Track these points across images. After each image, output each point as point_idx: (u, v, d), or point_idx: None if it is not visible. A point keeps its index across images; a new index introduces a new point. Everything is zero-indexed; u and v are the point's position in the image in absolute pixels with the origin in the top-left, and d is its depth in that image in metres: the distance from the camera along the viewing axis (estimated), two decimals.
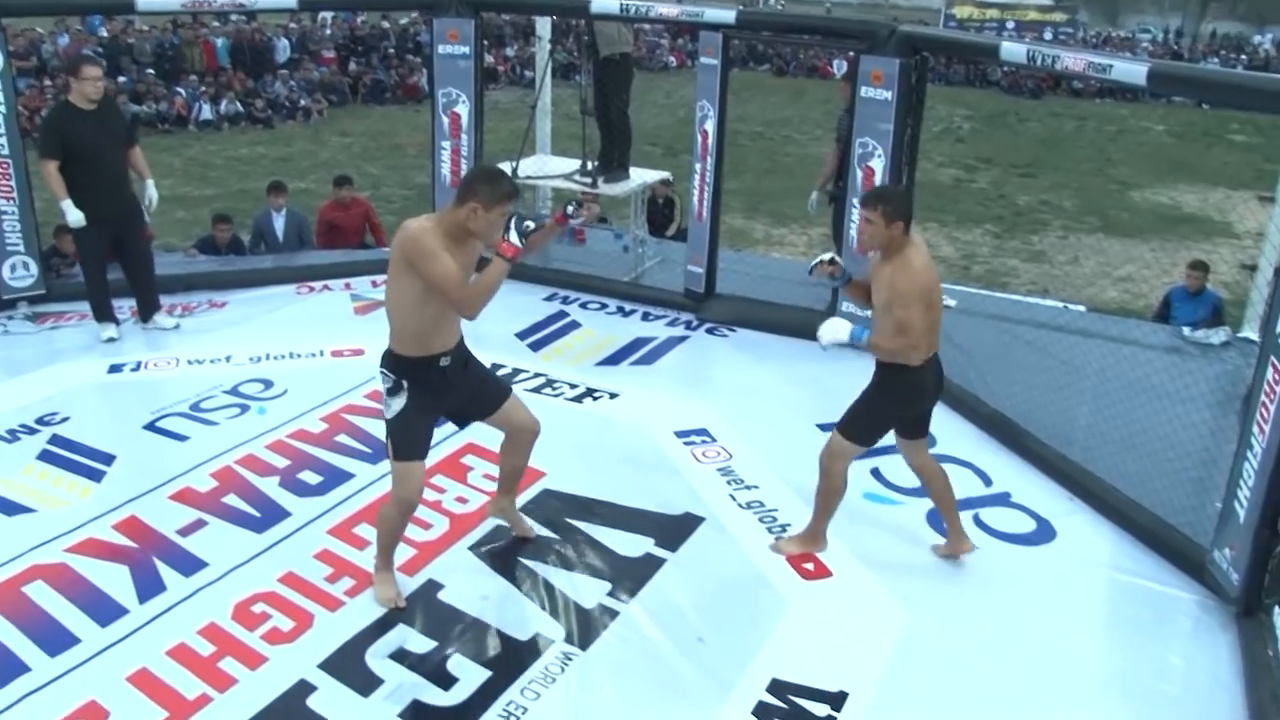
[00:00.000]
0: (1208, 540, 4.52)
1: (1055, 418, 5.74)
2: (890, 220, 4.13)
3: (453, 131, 7.92)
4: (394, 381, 3.89)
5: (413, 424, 3.94)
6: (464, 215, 3.76)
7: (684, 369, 6.60)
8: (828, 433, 5.62)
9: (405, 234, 3.76)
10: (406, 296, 3.80)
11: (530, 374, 6.34)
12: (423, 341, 3.87)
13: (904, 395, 4.34)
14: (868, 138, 6.50)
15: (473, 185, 3.77)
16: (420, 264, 3.71)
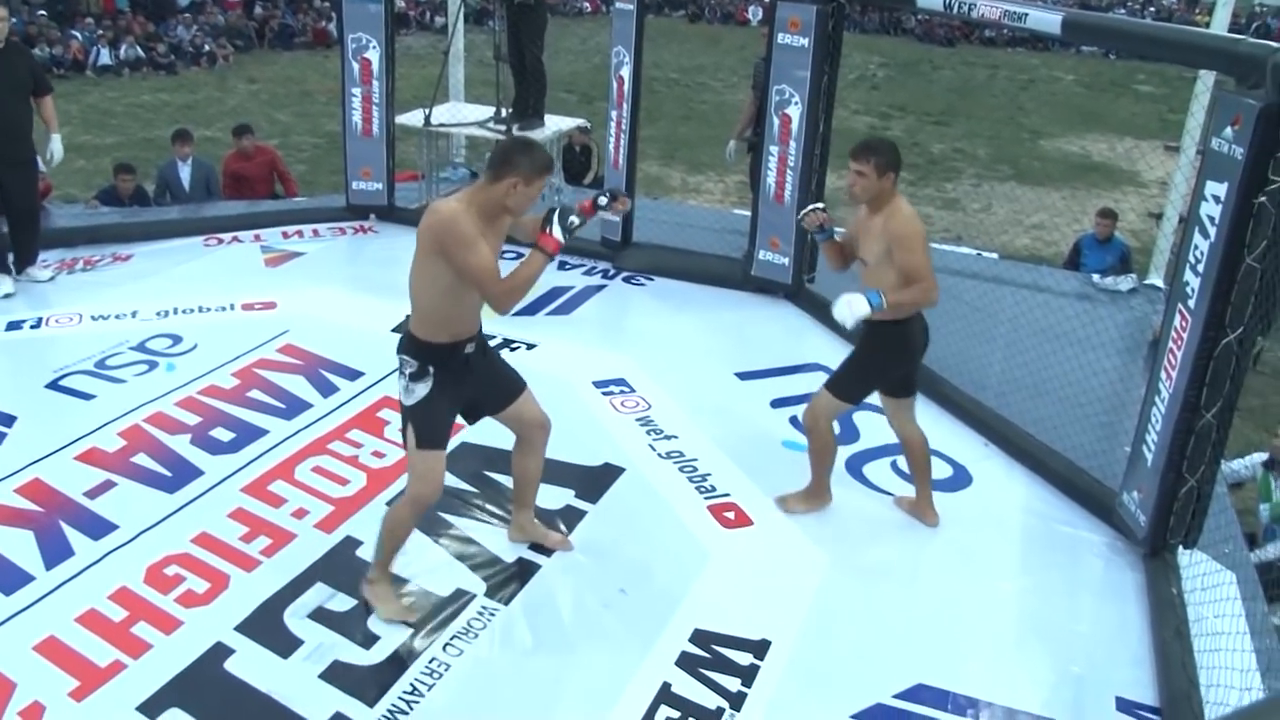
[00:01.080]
0: (1117, 484, 4.63)
1: (970, 365, 5.83)
2: (882, 172, 4.13)
3: (364, 78, 7.74)
4: (418, 367, 3.67)
5: (437, 410, 3.73)
6: (502, 192, 3.57)
7: (602, 319, 6.58)
8: (746, 382, 5.73)
9: (437, 218, 3.52)
10: (435, 282, 3.58)
11: None
12: (450, 328, 3.68)
13: (894, 351, 4.32)
14: (785, 85, 6.48)
15: (510, 158, 3.57)
16: (454, 252, 3.50)
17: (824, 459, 4.61)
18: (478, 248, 3.50)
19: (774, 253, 6.88)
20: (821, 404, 4.47)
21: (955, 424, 5.43)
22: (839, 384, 4.43)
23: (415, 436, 3.72)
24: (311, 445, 4.95)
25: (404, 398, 3.73)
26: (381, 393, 5.41)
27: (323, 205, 8.55)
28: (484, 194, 3.59)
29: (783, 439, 5.22)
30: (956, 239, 10.70)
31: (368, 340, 6.00)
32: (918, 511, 4.66)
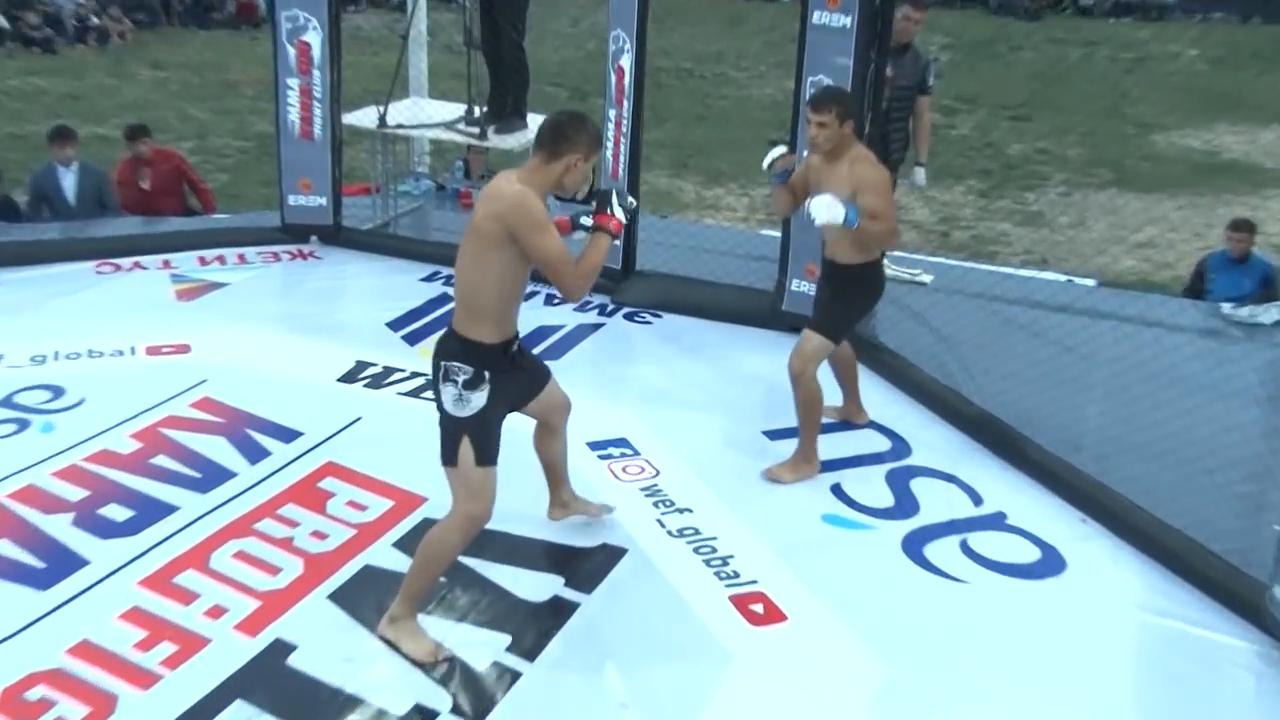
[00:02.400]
0: (1265, 573, 4.56)
1: (1060, 419, 5.85)
2: (843, 119, 5.16)
3: (301, 66, 7.85)
4: (473, 373, 4.11)
5: (494, 420, 4.21)
6: (560, 171, 4.10)
7: (598, 365, 6.63)
8: (776, 442, 5.78)
9: (505, 200, 4.01)
10: (496, 273, 4.07)
11: (405, 374, 6.34)
12: (502, 325, 4.18)
13: (871, 288, 5.44)
14: (822, 76, 6.56)
15: (566, 133, 4.09)
16: (529, 237, 3.99)
17: (813, 413, 5.40)
18: (551, 231, 4.03)
19: (811, 282, 6.90)
20: (810, 346, 5.34)
21: (1042, 494, 5.45)
22: (825, 324, 5.38)
23: (472, 452, 4.13)
24: (233, 525, 4.96)
25: (455, 409, 4.14)
26: (325, 457, 5.45)
27: (250, 225, 8.66)
28: (541, 174, 4.10)
29: (823, 513, 5.24)
30: (1041, 262, 10.71)
31: (308, 393, 6.05)
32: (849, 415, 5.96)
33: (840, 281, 5.42)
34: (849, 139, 5.22)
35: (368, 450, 5.52)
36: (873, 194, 5.11)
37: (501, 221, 4.00)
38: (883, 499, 5.39)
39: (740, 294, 7.40)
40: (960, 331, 6.81)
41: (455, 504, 4.20)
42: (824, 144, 5.18)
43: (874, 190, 5.12)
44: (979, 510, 5.33)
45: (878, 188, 5.14)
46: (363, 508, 5.09)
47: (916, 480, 5.50)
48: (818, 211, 5.07)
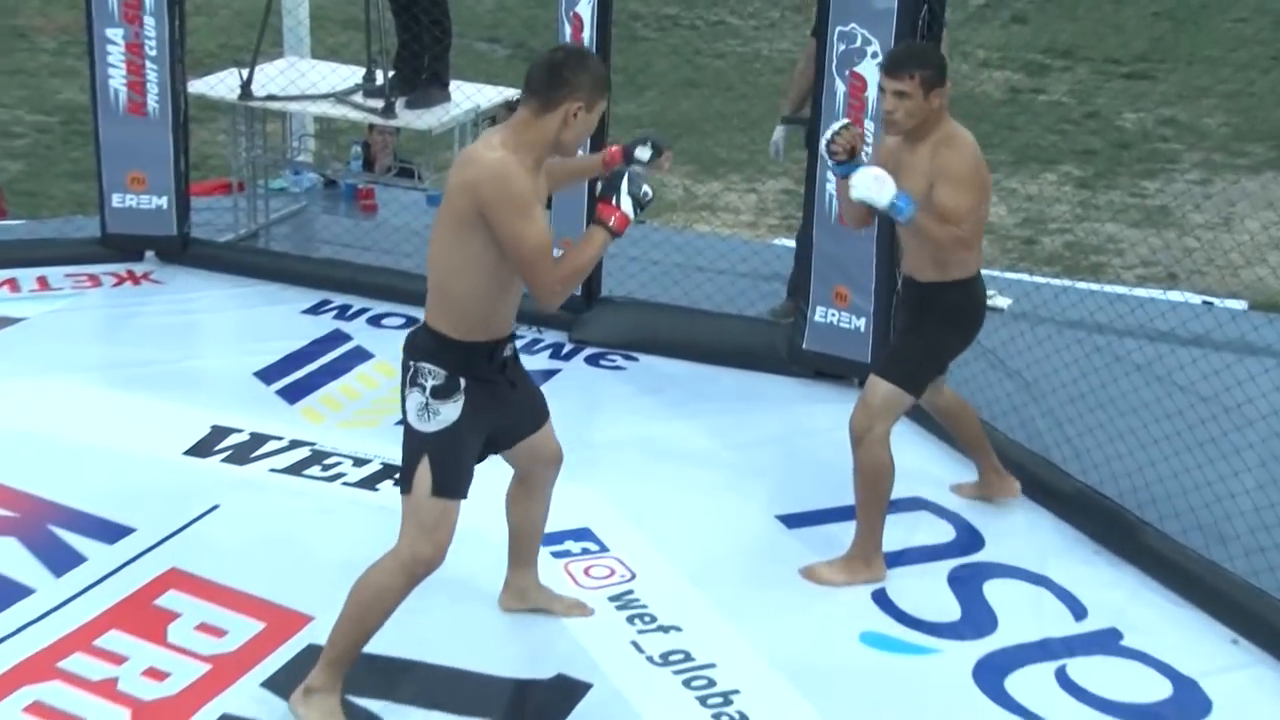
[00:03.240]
0: None
1: (1198, 497, 5.82)
2: (930, 87, 5.09)
3: (127, 11, 7.85)
4: (446, 378, 4.32)
5: (465, 442, 4.40)
6: (556, 124, 4.25)
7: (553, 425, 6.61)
8: (796, 531, 5.77)
9: (479, 166, 4.19)
10: (478, 260, 4.25)
11: (284, 443, 6.33)
12: (490, 322, 4.38)
13: (963, 317, 5.34)
14: (855, 25, 6.61)
15: (561, 74, 4.23)
16: (503, 218, 4.15)
17: (878, 491, 5.25)
18: (533, 214, 4.18)
19: (842, 310, 6.95)
20: (878, 398, 5.28)
21: (1174, 603, 5.43)
22: (898, 367, 5.30)
23: (430, 476, 4.34)
24: (28, 664, 4.87)
25: (418, 421, 4.36)
26: (166, 563, 5.40)
27: (55, 235, 8.64)
28: (532, 131, 4.24)
29: (862, 630, 5.22)
30: (1168, 278, 10.69)
31: (141, 472, 6.01)
32: (989, 490, 5.87)
33: (920, 307, 5.40)
34: (939, 114, 5.19)
35: (228, 552, 5.47)
36: (950, 187, 5.09)
37: (473, 194, 4.16)
38: (946, 610, 5.36)
39: (747, 327, 7.40)
40: (1051, 375, 6.81)
41: (400, 539, 4.38)
42: (904, 120, 5.15)
43: (954, 182, 5.10)
44: (1081, 626, 5.30)
45: (960, 180, 5.11)
46: (220, 633, 5.03)
47: (992, 584, 5.48)
48: (858, 185, 5.05)
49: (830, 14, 6.69)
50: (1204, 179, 13.48)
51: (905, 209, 5.02)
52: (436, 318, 4.35)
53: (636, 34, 17.50)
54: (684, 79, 16.68)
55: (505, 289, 4.34)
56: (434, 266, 4.37)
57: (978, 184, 5.16)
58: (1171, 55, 17.39)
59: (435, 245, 4.35)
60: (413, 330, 4.47)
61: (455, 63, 8.24)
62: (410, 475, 4.38)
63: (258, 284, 8.07)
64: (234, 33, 9.49)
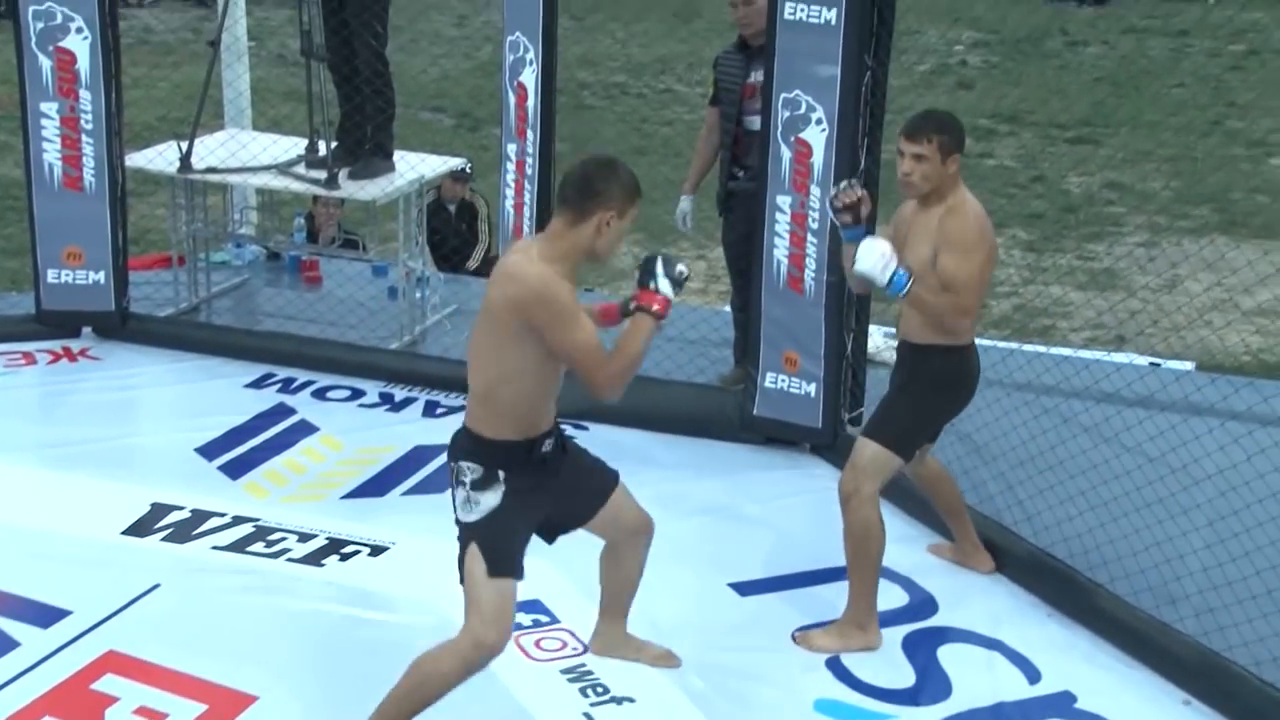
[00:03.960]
0: None
1: (1146, 559, 5.86)
2: (947, 152, 5.27)
3: (62, 85, 7.87)
4: (483, 473, 4.54)
5: (512, 526, 4.62)
6: (590, 234, 4.47)
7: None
8: (750, 599, 5.82)
9: (522, 285, 4.40)
10: (515, 367, 4.49)
11: (226, 520, 6.31)
12: (526, 422, 4.59)
13: (955, 382, 5.47)
14: (799, 91, 6.69)
15: (593, 184, 4.46)
16: (553, 329, 4.39)
17: (868, 554, 5.32)
18: (580, 321, 4.42)
19: (791, 375, 7.01)
20: (865, 458, 5.37)
21: (1126, 665, 5.46)
22: (887, 428, 5.41)
23: (482, 561, 4.54)
24: None
25: (463, 513, 4.60)
26: (104, 645, 5.37)
27: None
28: (566, 240, 4.47)
29: (816, 698, 5.23)
30: (1117, 340, 10.78)
31: (77, 552, 5.98)
32: (963, 558, 5.99)
33: (912, 370, 5.53)
34: (953, 180, 5.34)
35: (168, 633, 5.44)
36: (955, 254, 5.23)
37: (519, 312, 4.38)
38: (900, 676, 5.38)
39: (697, 395, 7.44)
40: (1001, 438, 6.84)
41: (463, 630, 4.57)
42: (920, 183, 5.29)
43: (959, 249, 5.23)
44: (1036, 690, 5.32)
45: (965, 247, 5.24)
46: (161, 716, 5.00)
47: (946, 649, 5.51)
48: (862, 259, 5.15)
49: (775, 81, 6.77)
50: (1148, 241, 13.58)
51: (901, 285, 5.13)
52: (477, 421, 4.56)
53: (583, 102, 17.58)
54: (632, 146, 16.66)
55: (549, 390, 4.59)
56: (479, 375, 4.55)
57: (982, 252, 5.28)
58: (1114, 120, 17.62)
59: (479, 356, 4.54)
60: (455, 433, 4.66)
61: (399, 133, 8.29)
62: (462, 564, 4.58)
63: (199, 358, 8.06)
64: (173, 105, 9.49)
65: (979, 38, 22.84)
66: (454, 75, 18.36)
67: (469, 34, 21.53)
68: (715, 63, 7.67)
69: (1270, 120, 17.40)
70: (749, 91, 7.24)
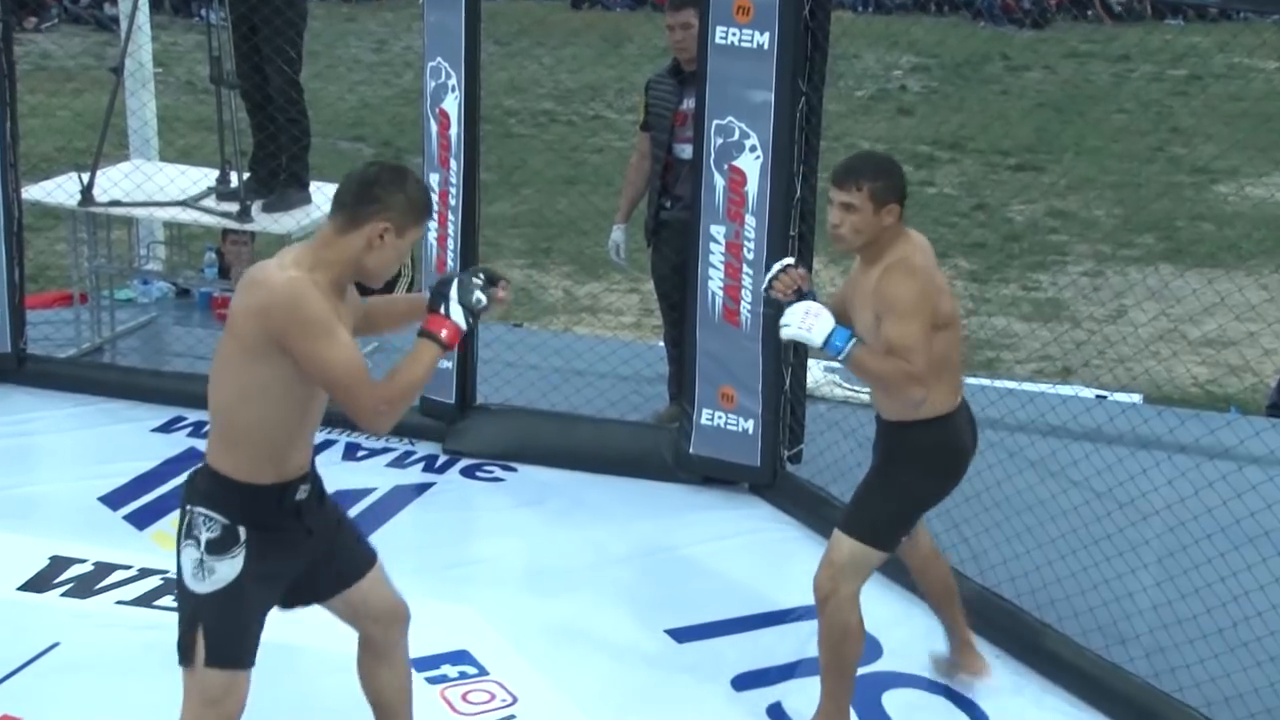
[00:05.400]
0: None
1: (1095, 598, 5.92)
2: (881, 202, 4.85)
3: None
4: (224, 529, 4.09)
5: (248, 604, 4.15)
6: (360, 245, 4.09)
7: (426, 544, 6.66)
8: (687, 646, 5.80)
9: (269, 292, 4.01)
10: (265, 390, 4.07)
11: (132, 572, 6.25)
12: (278, 459, 4.16)
13: (940, 460, 5.06)
14: (732, 118, 6.73)
15: (371, 191, 4.11)
16: (301, 343, 3.97)
17: (845, 657, 5.01)
18: (336, 335, 4.01)
19: (728, 412, 7.04)
20: (842, 554, 4.96)
21: (1075, 708, 5.50)
22: (862, 519, 5.01)
23: (207, 647, 4.10)
24: None
25: (192, 580, 4.11)
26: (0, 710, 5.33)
27: None
28: (332, 249, 4.10)
29: None
30: (1063, 372, 10.89)
31: None
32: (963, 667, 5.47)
33: (887, 450, 5.13)
34: (893, 232, 4.93)
35: (69, 695, 5.39)
36: (895, 318, 4.78)
37: (263, 320, 4.00)
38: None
39: (630, 433, 7.44)
40: None
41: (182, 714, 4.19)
42: (849, 235, 4.89)
43: (898, 312, 4.78)
44: None
45: (904, 308, 4.78)
46: None
47: (891, 694, 5.53)
48: (789, 322, 4.83)
49: (707, 107, 6.80)
50: (1093, 270, 13.74)
51: (840, 346, 4.76)
52: (218, 456, 4.15)
53: (511, 130, 17.58)
54: (561, 176, 16.78)
55: (300, 422, 4.18)
56: (216, 397, 4.15)
57: (924, 311, 4.81)
58: (1056, 146, 17.87)
59: (217, 374, 4.15)
60: (192, 471, 4.27)
61: (317, 163, 8.27)
62: (187, 643, 4.15)
63: (102, 402, 7.97)
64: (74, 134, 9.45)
65: (918, 62, 23.06)
66: (374, 103, 18.36)
67: (389, 60, 21.55)
68: (647, 86, 7.69)
69: (1212, 146, 17.36)
70: (680, 119, 7.27)
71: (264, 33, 7.85)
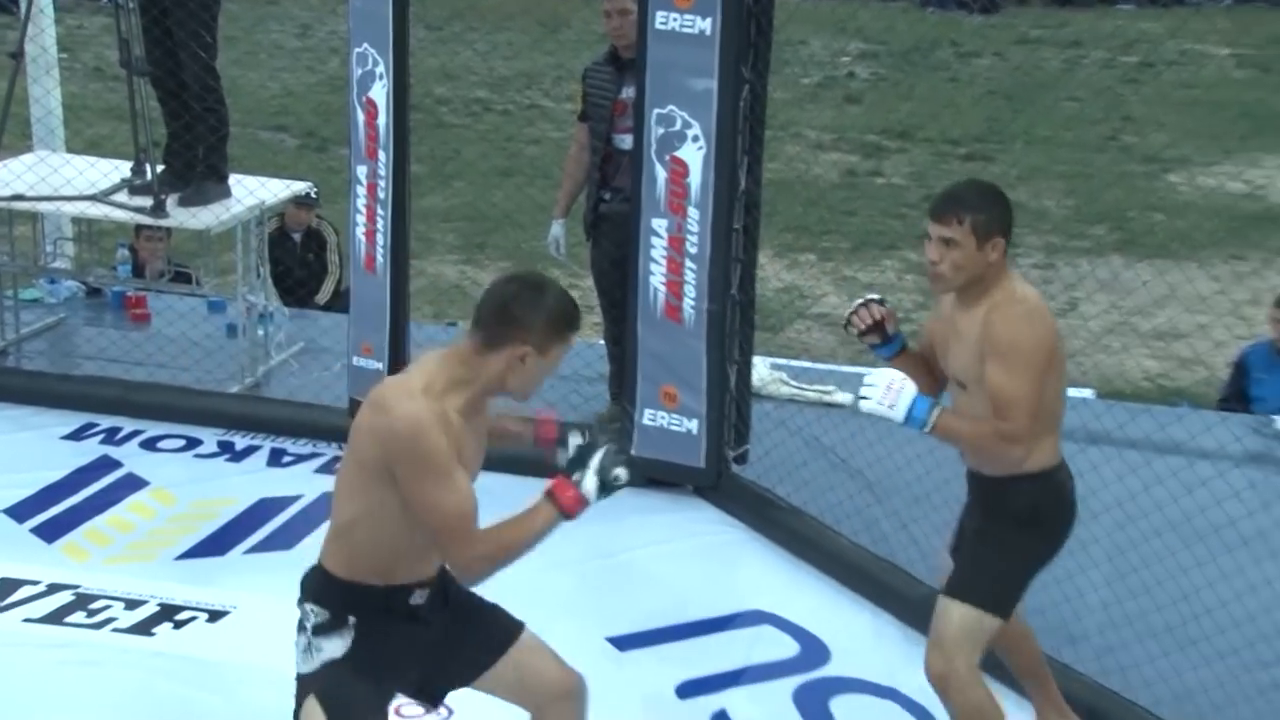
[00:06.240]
0: None
1: (1046, 596, 5.92)
2: (985, 236, 4.63)
3: None
4: (329, 617, 4.11)
5: (354, 691, 4.12)
6: (501, 368, 4.05)
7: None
8: (630, 653, 5.85)
9: (390, 421, 3.95)
10: (375, 506, 4.05)
11: (42, 587, 6.22)
12: (387, 568, 4.14)
13: (1048, 516, 4.83)
14: (673, 107, 6.76)
15: (510, 311, 4.05)
16: (413, 482, 3.94)
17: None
18: (452, 481, 3.95)
19: (671, 412, 7.08)
20: (954, 628, 4.69)
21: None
22: (976, 587, 4.73)
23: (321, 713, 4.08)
24: None
25: (302, 664, 4.15)
26: None
27: None
28: (470, 369, 4.06)
29: None
30: None
31: None
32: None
33: (987, 510, 4.91)
34: (997, 269, 4.69)
35: None
36: (1007, 366, 4.55)
37: (382, 446, 3.98)
38: None
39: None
40: (895, 473, 6.90)
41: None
42: (950, 274, 4.67)
43: (1013, 360, 4.55)
44: None
45: (1021, 357, 4.56)
46: None
47: (840, 700, 5.58)
48: (869, 396, 4.64)
49: (647, 96, 6.82)
50: (1045, 262, 13.83)
51: (922, 419, 4.61)
52: (330, 556, 4.17)
53: (443, 120, 17.54)
54: (496, 167, 16.72)
55: (409, 540, 4.10)
56: (339, 507, 4.17)
57: (1041, 362, 4.59)
58: (1007, 135, 17.94)
59: (341, 485, 4.16)
60: (306, 571, 4.26)
61: (237, 154, 8.26)
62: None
63: (7, 408, 7.91)
64: None
65: (866, 49, 23.07)
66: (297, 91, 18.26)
67: (313, 46, 21.42)
68: (584, 75, 7.72)
69: (1164, 135, 17.74)
70: (620, 109, 7.29)
71: (175, 15, 7.79)
